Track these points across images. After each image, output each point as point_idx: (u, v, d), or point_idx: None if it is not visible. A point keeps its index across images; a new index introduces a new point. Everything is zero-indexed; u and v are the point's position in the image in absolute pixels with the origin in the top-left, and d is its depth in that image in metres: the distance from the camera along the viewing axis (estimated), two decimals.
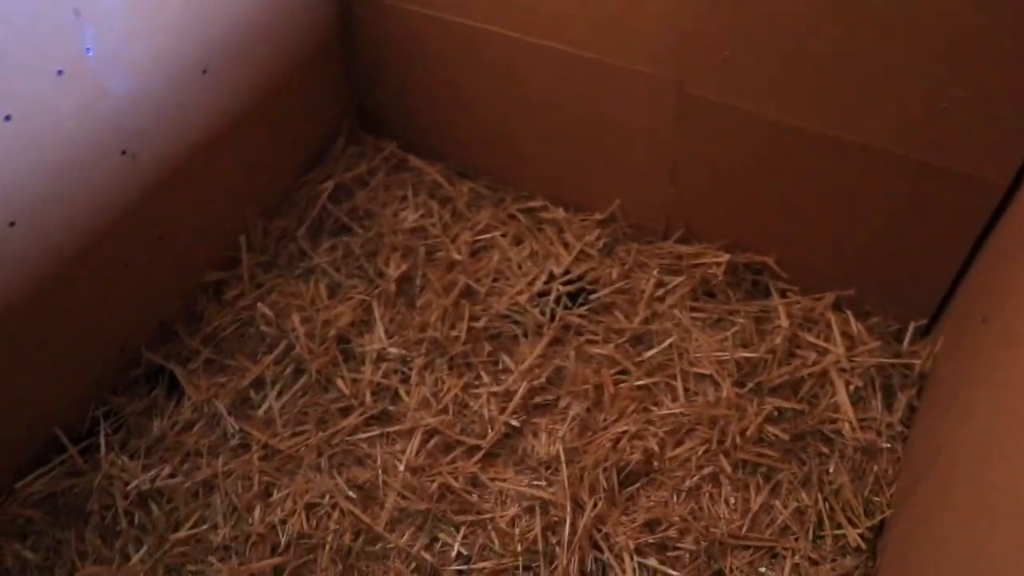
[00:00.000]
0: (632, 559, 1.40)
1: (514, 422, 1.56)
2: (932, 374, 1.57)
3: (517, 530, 1.44)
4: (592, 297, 1.76)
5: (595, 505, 1.44)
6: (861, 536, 1.42)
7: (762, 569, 1.39)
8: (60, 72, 1.33)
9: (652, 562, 1.40)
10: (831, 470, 1.51)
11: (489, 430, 1.55)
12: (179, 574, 1.43)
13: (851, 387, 1.59)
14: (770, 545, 1.42)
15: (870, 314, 1.70)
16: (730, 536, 1.42)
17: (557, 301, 1.75)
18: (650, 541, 1.43)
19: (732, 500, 1.48)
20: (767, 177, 1.63)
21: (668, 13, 1.52)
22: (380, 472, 1.51)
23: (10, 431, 1.51)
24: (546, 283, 1.78)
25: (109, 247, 1.54)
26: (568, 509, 1.43)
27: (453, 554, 1.43)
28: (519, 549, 1.41)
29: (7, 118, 1.26)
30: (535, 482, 1.50)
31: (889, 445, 1.53)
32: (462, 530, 1.45)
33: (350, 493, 1.48)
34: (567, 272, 1.80)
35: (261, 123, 1.81)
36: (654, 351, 1.66)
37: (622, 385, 1.61)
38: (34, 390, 1.52)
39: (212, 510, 1.50)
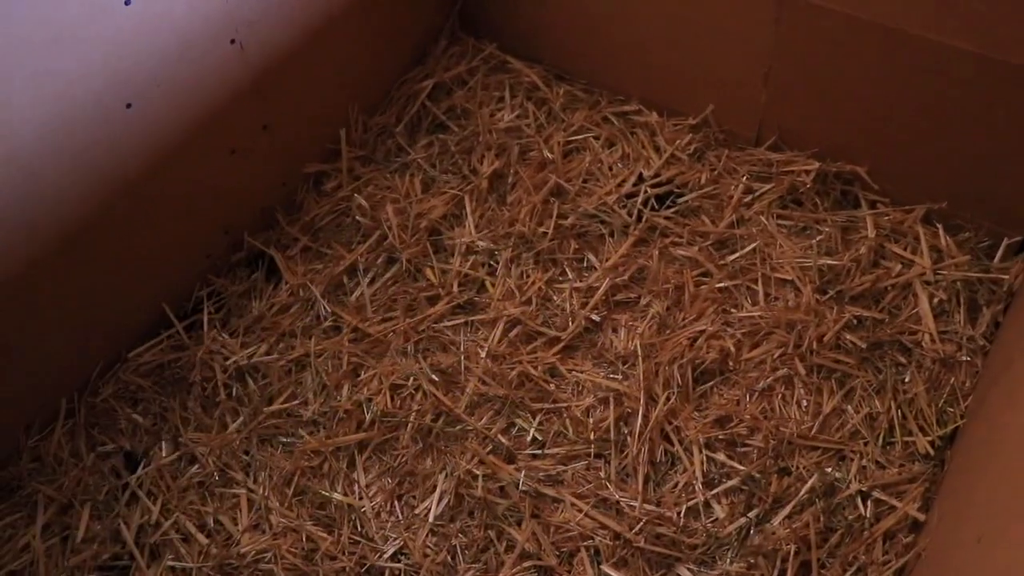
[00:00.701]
0: (701, 452, 1.45)
1: (595, 317, 1.61)
2: (1021, 291, 1.56)
3: (591, 419, 1.49)
4: (680, 200, 1.78)
5: (668, 399, 1.49)
6: (931, 444, 1.44)
7: (828, 469, 1.42)
8: None
9: (721, 456, 1.45)
10: (907, 379, 1.51)
11: (570, 323, 1.60)
12: (271, 444, 1.54)
13: (934, 300, 1.58)
14: (838, 448, 1.44)
15: (962, 228, 1.68)
16: (799, 436, 1.45)
17: (645, 203, 1.77)
18: (720, 437, 1.47)
19: (804, 403, 1.50)
20: (865, 84, 1.61)
21: None
22: (463, 358, 1.58)
23: (123, 306, 1.62)
24: (635, 185, 1.80)
25: (217, 134, 1.62)
26: (642, 401, 1.48)
27: (528, 439, 1.49)
28: (592, 437, 1.47)
29: (127, 2, 1.34)
30: (611, 375, 1.55)
31: (969, 358, 1.52)
32: (538, 417, 1.51)
33: (433, 376, 1.55)
34: (656, 175, 1.82)
35: (366, 20, 1.85)
36: (737, 255, 1.68)
37: (703, 287, 1.63)
38: (145, 268, 1.62)
39: (303, 387, 1.59)
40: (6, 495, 1.51)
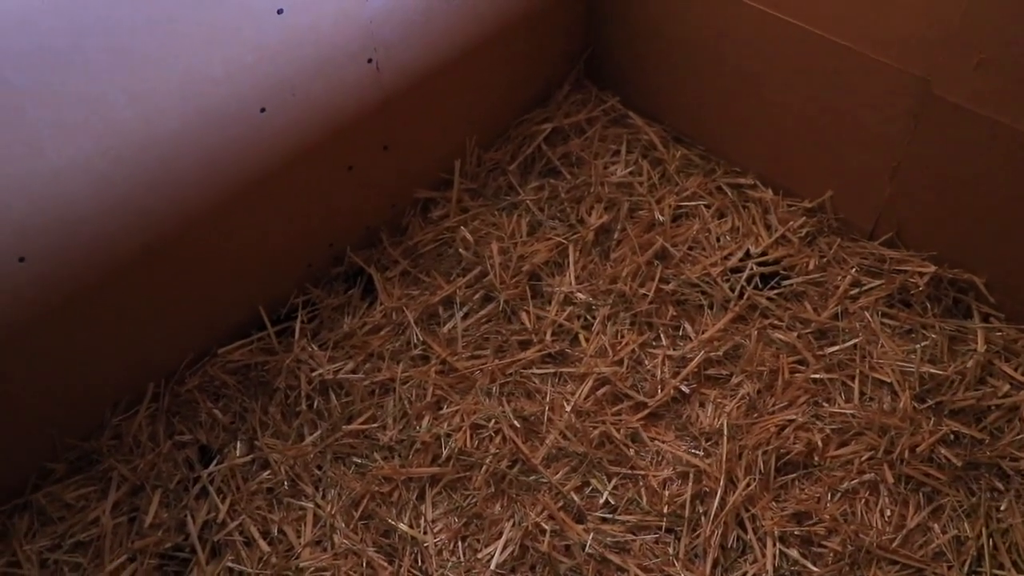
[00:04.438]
0: (775, 545, 1.41)
1: (684, 388, 1.58)
2: None
3: (667, 492, 1.46)
4: (785, 283, 1.75)
5: (748, 485, 1.45)
6: None
7: None
8: None
9: (794, 553, 1.40)
10: (1002, 507, 1.45)
11: (659, 391, 1.57)
12: (345, 463, 1.53)
13: None
14: (920, 567, 1.39)
15: None
16: (879, 547, 1.40)
17: (749, 280, 1.75)
18: (796, 532, 1.42)
19: (888, 512, 1.45)
20: (997, 193, 1.56)
21: (923, 4, 1.47)
22: (547, 409, 1.56)
23: (221, 301, 1.64)
24: (741, 260, 1.78)
25: (339, 148, 1.64)
26: (721, 483, 1.45)
27: (600, 501, 1.47)
28: (665, 510, 1.44)
29: (279, 11, 1.36)
30: (693, 450, 1.52)
31: None
32: (614, 480, 1.48)
33: (515, 422, 1.54)
34: (764, 253, 1.79)
35: (495, 56, 1.87)
36: (837, 348, 1.64)
37: (798, 375, 1.60)
38: (247, 268, 1.64)
39: (384, 411, 1.59)
40: (85, 466, 1.53)
